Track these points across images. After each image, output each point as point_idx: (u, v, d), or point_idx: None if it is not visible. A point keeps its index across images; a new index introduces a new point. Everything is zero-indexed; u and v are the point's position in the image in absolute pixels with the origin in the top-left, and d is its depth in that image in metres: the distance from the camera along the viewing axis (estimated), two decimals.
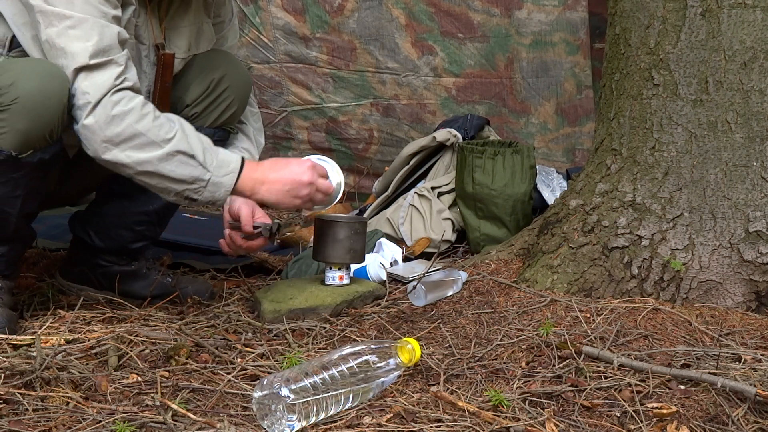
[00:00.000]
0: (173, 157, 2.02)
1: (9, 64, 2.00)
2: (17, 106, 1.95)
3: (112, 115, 1.97)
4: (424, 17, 3.67)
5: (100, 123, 1.97)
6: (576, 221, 2.37)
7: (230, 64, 2.40)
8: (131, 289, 2.43)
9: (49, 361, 1.81)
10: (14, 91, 1.95)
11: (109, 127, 1.97)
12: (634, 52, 2.30)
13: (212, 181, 2.06)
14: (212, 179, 2.06)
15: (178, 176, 2.03)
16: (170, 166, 2.02)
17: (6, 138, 1.96)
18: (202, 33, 2.34)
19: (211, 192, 2.07)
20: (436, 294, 2.31)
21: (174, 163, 2.02)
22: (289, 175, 2.13)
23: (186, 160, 2.03)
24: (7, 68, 1.98)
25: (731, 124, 2.20)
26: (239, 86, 2.37)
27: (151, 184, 2.05)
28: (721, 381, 1.75)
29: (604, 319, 2.11)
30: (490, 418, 1.65)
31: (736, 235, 2.20)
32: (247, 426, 1.63)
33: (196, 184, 2.05)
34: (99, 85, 1.97)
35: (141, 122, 2.00)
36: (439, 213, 3.03)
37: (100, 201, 2.43)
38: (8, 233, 2.10)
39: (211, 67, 2.34)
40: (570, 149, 3.75)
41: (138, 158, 2.00)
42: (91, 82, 1.97)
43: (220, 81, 2.33)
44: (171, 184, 2.04)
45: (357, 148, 3.89)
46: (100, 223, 2.39)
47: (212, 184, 2.06)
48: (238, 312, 2.30)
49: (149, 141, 2.00)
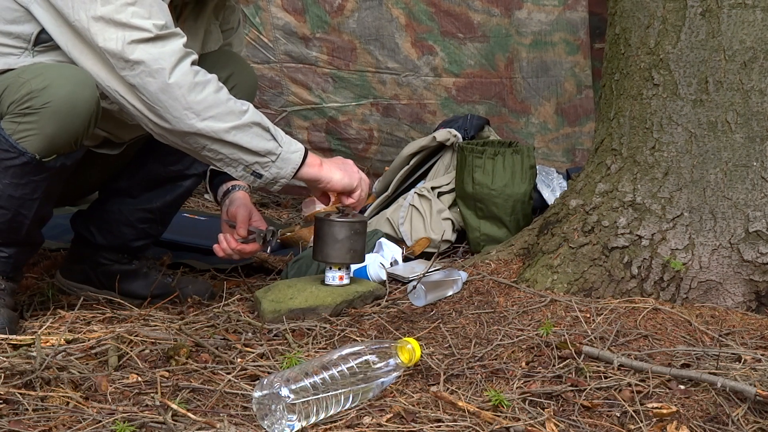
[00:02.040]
0: (250, 129, 2.04)
1: (41, 68, 2.00)
2: (47, 111, 1.96)
3: (195, 82, 1.98)
4: (424, 17, 3.67)
5: (183, 88, 1.97)
6: (576, 221, 2.37)
7: (237, 63, 2.42)
8: (131, 288, 2.43)
9: (49, 361, 1.81)
10: (46, 95, 1.95)
11: (191, 94, 1.97)
12: (634, 52, 2.30)
13: (282, 156, 2.08)
14: (282, 154, 2.08)
15: (253, 147, 2.05)
16: (247, 137, 2.03)
17: (33, 141, 1.98)
18: (211, 34, 2.36)
19: (278, 168, 2.09)
20: (436, 294, 2.31)
21: (250, 134, 2.04)
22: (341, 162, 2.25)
23: (261, 132, 2.05)
24: (40, 72, 1.98)
25: (731, 124, 2.20)
26: (246, 85, 2.39)
27: (223, 153, 2.05)
28: (721, 381, 1.75)
29: (604, 319, 2.11)
30: (490, 418, 1.65)
31: (736, 235, 2.20)
32: (247, 426, 1.63)
33: (267, 157, 2.07)
34: (171, 52, 1.97)
35: (221, 92, 2.02)
36: (439, 213, 3.03)
37: (103, 199, 2.43)
38: (20, 236, 2.11)
39: (219, 66, 2.34)
40: (570, 149, 3.75)
41: (217, 127, 2.00)
42: (160, 51, 1.96)
43: (227, 80, 2.32)
44: (244, 155, 2.05)
45: (357, 148, 3.89)
46: (103, 219, 2.40)
47: (282, 159, 2.09)
48: (238, 312, 2.30)
49: (229, 110, 2.01)
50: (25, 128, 1.97)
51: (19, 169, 2.00)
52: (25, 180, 2.02)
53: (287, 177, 2.12)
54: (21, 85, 1.97)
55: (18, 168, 2.00)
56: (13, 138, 1.97)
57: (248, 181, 2.12)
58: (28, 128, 1.97)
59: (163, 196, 2.38)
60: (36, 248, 2.28)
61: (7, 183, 2.01)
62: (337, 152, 3.92)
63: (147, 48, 1.95)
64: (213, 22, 2.37)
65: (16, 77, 2.00)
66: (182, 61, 1.97)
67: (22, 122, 1.97)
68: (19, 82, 1.98)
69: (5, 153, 1.98)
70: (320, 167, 2.18)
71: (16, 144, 1.97)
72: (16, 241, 2.11)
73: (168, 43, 1.97)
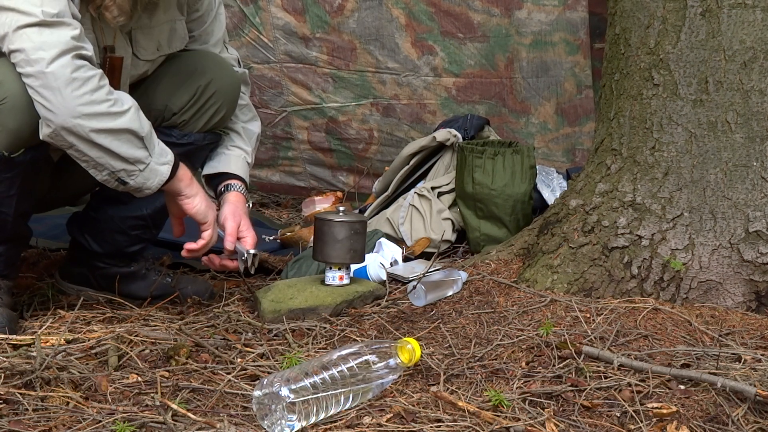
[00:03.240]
0: (122, 134, 1.98)
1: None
2: (6, 106, 1.95)
3: (73, 77, 1.92)
4: (424, 17, 3.67)
5: (59, 80, 1.91)
6: (576, 221, 2.37)
7: (216, 67, 2.35)
8: (131, 289, 2.43)
9: (49, 361, 1.81)
10: (2, 91, 1.94)
11: (66, 88, 1.91)
12: (634, 52, 2.30)
13: (150, 166, 2.04)
14: (151, 164, 2.04)
15: (122, 153, 1.99)
16: (116, 142, 1.98)
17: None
18: (175, 32, 2.30)
19: (145, 178, 2.05)
20: (436, 294, 2.31)
21: (122, 140, 1.98)
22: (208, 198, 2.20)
23: (133, 139, 2.00)
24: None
25: (731, 124, 2.20)
26: (226, 90, 2.34)
27: (89, 156, 1.99)
28: (721, 381, 1.75)
29: (604, 319, 2.11)
30: (490, 418, 1.65)
31: (736, 235, 2.20)
32: (247, 426, 1.63)
33: (134, 165, 2.02)
34: (55, 42, 1.91)
35: (98, 92, 1.95)
36: (439, 213, 3.03)
37: (94, 206, 2.40)
38: (6, 234, 2.10)
39: (197, 73, 2.30)
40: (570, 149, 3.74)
41: (87, 127, 1.94)
42: (46, 38, 1.91)
43: (207, 86, 2.28)
44: (111, 161, 2.00)
45: (357, 148, 3.89)
46: (96, 228, 2.38)
47: (150, 169, 2.04)
48: (238, 312, 2.30)
49: (103, 111, 1.95)
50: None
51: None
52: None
53: (152, 188, 2.08)
54: None
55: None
56: None
57: (112, 186, 2.06)
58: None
59: (153, 202, 2.33)
60: (25, 242, 2.26)
61: None
62: (337, 152, 3.92)
63: (32, 34, 1.91)
64: (178, 18, 2.31)
65: None
66: (66, 53, 1.92)
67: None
68: None
69: None
70: (189, 184, 2.14)
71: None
72: (2, 239, 2.11)
73: (55, 31, 1.92)
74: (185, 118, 2.28)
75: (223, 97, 2.32)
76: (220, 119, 2.34)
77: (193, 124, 2.29)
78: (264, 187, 4.04)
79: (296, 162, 4.00)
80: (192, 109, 2.29)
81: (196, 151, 2.34)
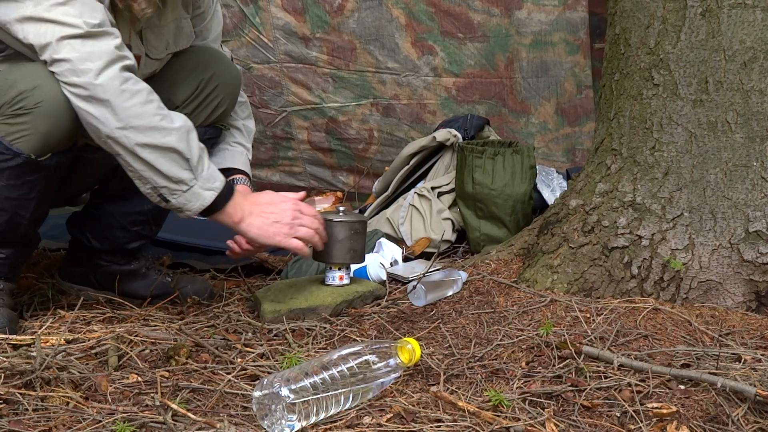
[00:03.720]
0: (168, 152, 1.99)
1: (28, 68, 1.99)
2: (40, 110, 1.96)
3: (122, 89, 1.94)
4: (424, 17, 3.67)
5: (109, 92, 1.92)
6: (576, 221, 2.37)
7: (218, 62, 2.37)
8: (131, 288, 2.43)
9: (49, 361, 1.81)
10: (38, 94, 1.95)
11: (116, 99, 1.93)
12: (634, 52, 2.30)
13: (194, 190, 2.03)
14: (195, 188, 2.03)
15: (165, 171, 2.00)
16: (161, 159, 1.98)
17: (27, 141, 1.98)
18: (181, 30, 2.32)
19: (186, 199, 2.04)
20: (436, 294, 2.31)
21: (166, 158, 1.99)
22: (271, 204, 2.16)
23: (179, 159, 2.00)
24: (28, 72, 1.97)
25: (731, 124, 2.20)
26: (228, 84, 2.36)
27: (134, 167, 2.00)
28: (721, 381, 1.75)
29: (604, 319, 2.11)
30: (490, 418, 1.65)
31: (736, 235, 2.20)
32: (247, 426, 1.63)
33: (178, 185, 2.02)
34: (101, 52, 1.93)
35: (148, 105, 1.97)
36: (439, 213, 3.03)
37: (94, 203, 2.42)
38: (17, 236, 2.11)
39: (200, 67, 2.32)
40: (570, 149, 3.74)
41: (134, 140, 1.95)
42: (91, 49, 1.92)
43: (209, 81, 2.31)
44: (154, 176, 2.00)
45: (357, 148, 3.89)
46: (96, 225, 2.39)
47: (192, 192, 2.03)
48: (238, 312, 2.30)
49: (152, 125, 1.96)
50: (19, 129, 1.97)
51: (15, 170, 2.00)
52: (21, 180, 2.02)
53: (193, 211, 2.06)
54: (10, 87, 1.97)
55: (14, 169, 2.00)
56: (7, 140, 1.97)
57: (154, 200, 2.06)
58: (22, 129, 1.97)
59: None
60: (33, 248, 2.27)
61: (3, 185, 2.01)
62: (337, 152, 3.92)
63: (76, 45, 1.91)
64: (183, 17, 2.32)
65: (2, 79, 1.99)
66: (113, 63, 1.93)
67: (14, 123, 1.97)
68: (7, 84, 1.97)
69: (0, 155, 1.98)
70: (239, 223, 2.11)
71: (9, 145, 1.97)
72: (13, 242, 2.11)
73: (99, 41, 1.93)
74: (187, 111, 2.29)
75: (224, 92, 2.34)
76: (221, 113, 2.36)
77: (195, 117, 2.30)
78: (264, 187, 4.03)
79: (296, 162, 4.00)
80: (194, 102, 2.31)
81: None
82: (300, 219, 2.18)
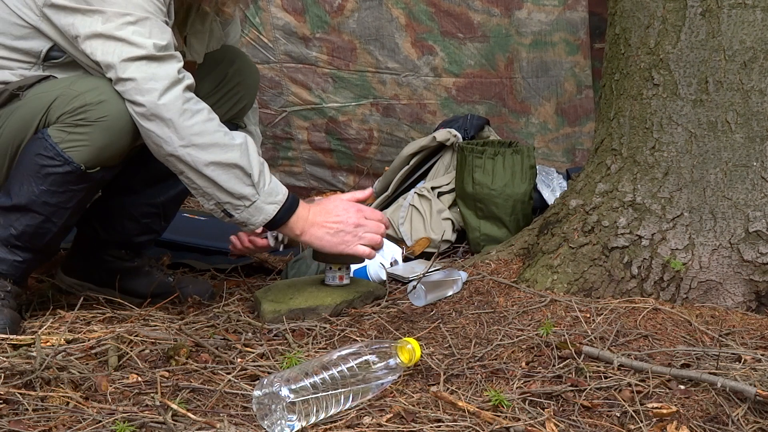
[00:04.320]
0: (231, 169, 2.01)
1: (96, 82, 2.01)
2: (102, 125, 1.98)
3: (185, 108, 1.96)
4: (424, 17, 3.67)
5: (171, 111, 1.95)
6: (576, 221, 2.37)
7: (240, 58, 2.43)
8: (132, 286, 2.43)
9: (49, 361, 1.81)
10: (103, 109, 1.98)
11: (179, 118, 1.96)
12: (634, 52, 2.30)
13: (257, 204, 2.06)
14: (258, 203, 2.06)
15: (228, 188, 2.02)
16: (224, 176, 2.01)
17: (81, 152, 2.00)
18: (213, 33, 2.37)
19: (250, 214, 2.06)
20: (436, 294, 2.31)
21: (229, 174, 2.01)
22: (334, 213, 2.17)
23: (241, 175, 2.02)
24: (95, 86, 2.00)
25: (731, 124, 2.20)
26: (250, 80, 2.41)
27: (198, 185, 2.03)
28: (721, 381, 1.75)
29: (604, 319, 2.11)
30: (490, 418, 1.65)
31: (736, 235, 2.20)
32: (247, 426, 1.63)
33: (241, 201, 2.04)
34: (165, 74, 1.96)
35: (209, 123, 2.00)
36: (439, 213, 3.03)
37: (106, 195, 2.44)
38: (41, 244, 2.12)
39: (224, 62, 2.36)
40: (570, 149, 3.75)
41: (197, 158, 1.99)
42: (156, 70, 1.95)
43: (232, 75, 2.36)
44: (218, 192, 2.03)
45: (357, 148, 3.89)
46: (106, 214, 2.41)
47: (255, 207, 2.06)
48: (238, 312, 2.30)
49: (214, 142, 1.99)
50: (75, 138, 2.00)
51: (61, 177, 2.02)
52: (64, 188, 2.04)
53: (257, 225, 2.09)
54: (74, 97, 1.99)
55: (60, 176, 2.02)
56: (61, 147, 2.00)
57: (218, 216, 2.09)
58: (79, 139, 1.99)
59: (167, 191, 2.39)
60: (49, 259, 2.29)
61: (44, 189, 2.03)
62: (337, 152, 3.92)
63: (141, 66, 1.95)
64: (215, 20, 2.37)
65: (66, 88, 2.02)
66: (176, 85, 1.97)
67: (72, 132, 1.99)
68: (72, 93, 2.00)
69: (50, 160, 2.01)
70: (302, 235, 2.14)
71: (62, 152, 2.00)
72: (35, 248, 2.12)
73: (164, 64, 1.97)
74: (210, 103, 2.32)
75: (246, 88, 2.39)
76: (240, 109, 2.41)
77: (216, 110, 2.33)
78: None
79: (296, 162, 4.00)
80: (216, 95, 2.35)
81: None
82: (364, 226, 2.20)
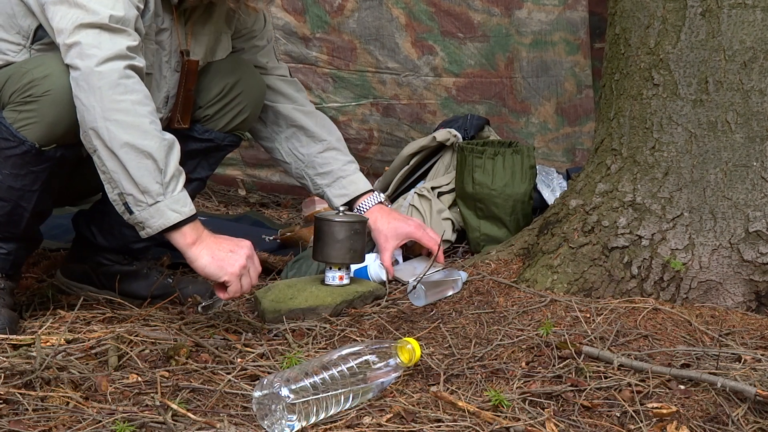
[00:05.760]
0: (143, 158, 1.93)
1: (44, 58, 2.01)
2: (48, 99, 1.97)
3: (118, 83, 1.91)
4: (424, 17, 3.67)
5: (104, 80, 1.90)
6: (576, 221, 2.37)
7: (245, 70, 2.40)
8: (131, 289, 2.43)
9: (49, 361, 1.81)
10: (47, 83, 1.96)
11: (109, 90, 1.90)
12: (634, 52, 2.30)
13: (159, 206, 1.96)
14: (160, 205, 1.96)
15: (136, 177, 1.93)
16: (135, 162, 1.92)
17: (33, 129, 1.99)
18: (220, 43, 2.36)
19: (150, 214, 1.96)
20: (436, 294, 2.31)
21: (141, 162, 1.93)
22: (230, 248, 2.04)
23: (152, 168, 1.94)
24: (42, 62, 2.00)
25: (731, 124, 2.19)
26: (253, 93, 2.39)
27: (107, 167, 1.94)
28: (721, 381, 1.75)
29: (604, 319, 2.11)
30: (490, 418, 1.65)
31: (736, 235, 2.20)
32: (247, 426, 1.63)
33: (143, 196, 1.95)
34: (111, 45, 1.92)
35: (140, 106, 1.94)
36: (439, 213, 3.03)
37: (105, 200, 2.42)
38: (19, 231, 2.11)
39: (226, 72, 2.35)
40: (570, 149, 3.75)
41: (114, 135, 1.91)
42: (103, 39, 1.92)
43: (234, 86, 2.34)
44: (123, 180, 1.94)
45: (357, 148, 3.89)
46: (104, 221, 2.40)
47: (157, 209, 1.96)
48: (238, 312, 2.30)
49: (136, 125, 1.92)
50: (26, 117, 1.98)
51: (19, 158, 2.01)
52: (25, 170, 2.03)
53: (153, 229, 1.98)
54: (23, 75, 1.99)
55: (18, 157, 2.01)
56: (14, 127, 1.99)
57: (119, 209, 2.00)
58: (29, 116, 1.98)
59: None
60: (35, 246, 2.27)
61: (7, 173, 2.03)
62: None
63: (91, 32, 1.92)
64: (225, 31, 2.37)
65: (18, 68, 2.02)
66: (120, 59, 1.93)
67: (22, 111, 1.99)
68: (21, 71, 2.00)
69: (6, 142, 2.00)
70: (192, 245, 2.00)
71: (16, 132, 1.99)
72: (15, 236, 2.12)
73: (114, 36, 1.94)
74: (209, 113, 2.32)
75: (248, 99, 2.37)
76: (242, 120, 2.39)
77: (217, 121, 2.33)
78: (264, 187, 4.04)
79: None
80: (218, 104, 2.34)
81: (214, 151, 2.40)
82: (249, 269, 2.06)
